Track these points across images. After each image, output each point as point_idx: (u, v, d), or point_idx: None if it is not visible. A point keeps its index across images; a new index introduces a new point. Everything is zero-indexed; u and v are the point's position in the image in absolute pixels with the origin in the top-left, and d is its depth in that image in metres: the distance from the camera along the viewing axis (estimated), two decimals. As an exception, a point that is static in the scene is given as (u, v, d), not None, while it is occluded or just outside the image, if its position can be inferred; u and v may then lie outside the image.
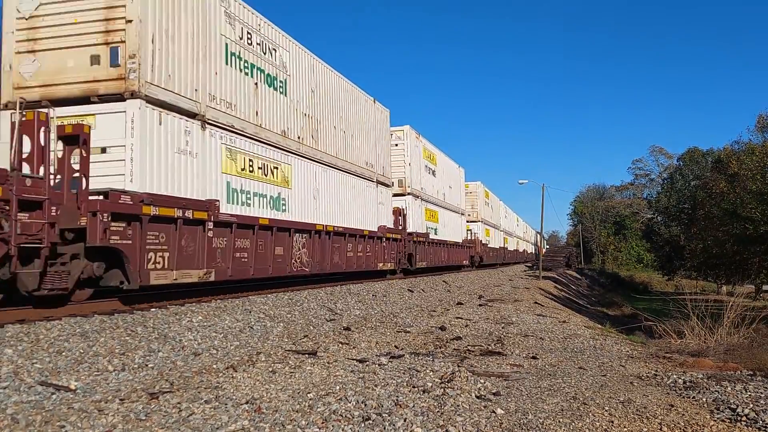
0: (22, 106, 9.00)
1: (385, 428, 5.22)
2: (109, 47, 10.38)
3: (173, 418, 5.26)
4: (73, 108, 10.33)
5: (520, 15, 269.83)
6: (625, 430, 5.50)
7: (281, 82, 15.32)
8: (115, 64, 10.33)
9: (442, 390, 6.50)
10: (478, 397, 6.38)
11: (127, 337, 8.00)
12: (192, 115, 11.66)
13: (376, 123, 22.44)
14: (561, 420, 5.64)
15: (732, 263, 34.05)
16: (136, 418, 5.19)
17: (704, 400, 6.71)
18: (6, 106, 10.52)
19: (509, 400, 6.36)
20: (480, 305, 18.00)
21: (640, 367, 8.99)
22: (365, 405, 5.82)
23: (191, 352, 8.03)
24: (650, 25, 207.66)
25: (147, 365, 7.19)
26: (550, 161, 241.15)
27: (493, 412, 5.82)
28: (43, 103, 10.37)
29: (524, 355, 9.49)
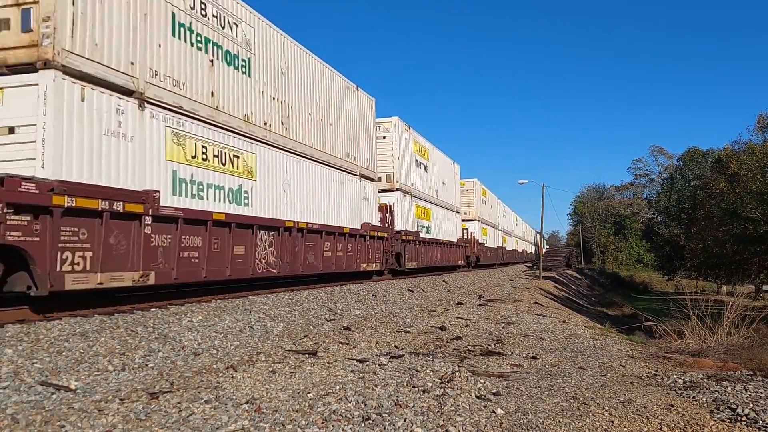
0: None
1: (385, 428, 5.22)
2: (21, 9, 8.91)
3: (173, 418, 5.26)
4: None
5: (521, 15, 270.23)
6: (625, 430, 5.50)
7: (244, 61, 13.54)
8: (26, 29, 8.83)
9: (442, 390, 6.50)
10: (478, 397, 6.39)
11: (127, 337, 8.01)
12: (127, 93, 10.04)
13: (359, 112, 20.69)
14: (561, 420, 5.64)
15: (732, 263, 34.09)
16: (136, 418, 5.19)
17: (704, 400, 6.72)
18: None
19: (509, 400, 6.37)
20: (480, 305, 18.01)
21: (640, 367, 9.00)
22: (365, 405, 5.82)
23: (191, 352, 8.03)
24: (650, 25, 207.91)
25: (147, 365, 7.19)
26: (550, 161, 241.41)
27: (493, 412, 5.82)
28: None
29: (524, 355, 9.50)
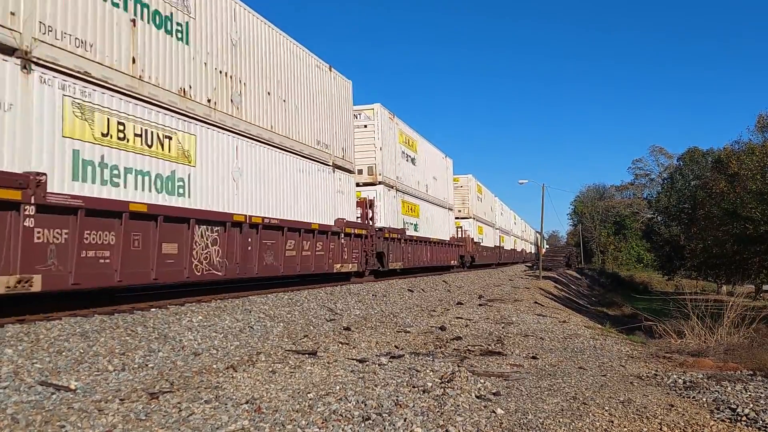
0: None
1: (385, 428, 5.22)
2: None
3: (173, 418, 5.26)
4: None
5: (520, 15, 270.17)
6: (625, 430, 5.50)
7: (179, 25, 11.40)
8: None
9: (442, 390, 6.50)
10: (478, 397, 6.39)
11: (127, 337, 8.01)
12: (6, 50, 8.19)
13: (333, 95, 18.38)
14: (561, 420, 5.64)
15: (732, 263, 34.13)
16: (136, 418, 5.19)
17: (704, 400, 6.72)
18: None
19: (509, 400, 6.37)
20: (480, 305, 18.01)
21: (640, 367, 9.00)
22: (365, 405, 5.82)
23: (191, 352, 8.03)
24: (650, 26, 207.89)
25: (147, 365, 7.19)
26: (550, 161, 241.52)
27: (493, 412, 5.82)
28: None
29: (524, 355, 9.49)
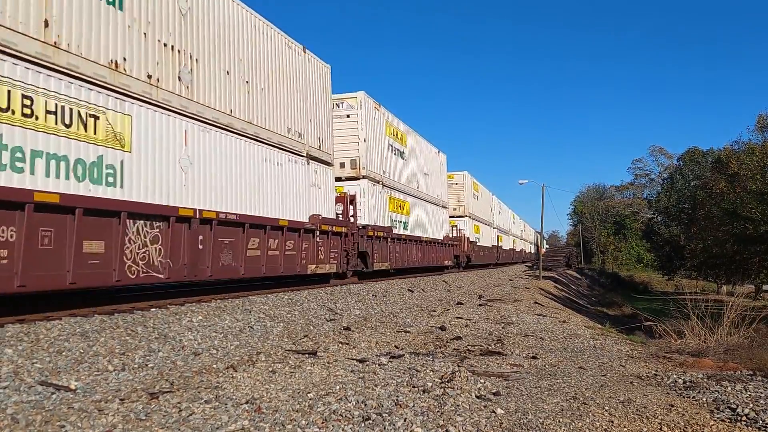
0: None
1: (385, 428, 5.22)
2: None
3: (173, 418, 5.26)
4: None
5: (520, 16, 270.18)
6: (625, 430, 5.50)
7: None
8: None
9: (442, 390, 6.50)
10: (478, 397, 6.39)
11: (127, 337, 8.01)
12: None
13: (308, 80, 16.64)
14: (561, 420, 5.64)
15: (732, 263, 34.14)
16: (136, 418, 5.19)
17: (704, 399, 6.72)
18: None
19: (509, 399, 6.37)
20: (480, 305, 18.00)
21: (640, 367, 8.99)
22: (365, 405, 5.82)
23: (191, 352, 8.03)
24: (650, 26, 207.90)
25: (147, 365, 7.19)
26: (550, 162, 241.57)
27: (493, 412, 5.82)
28: None
29: (524, 355, 9.49)
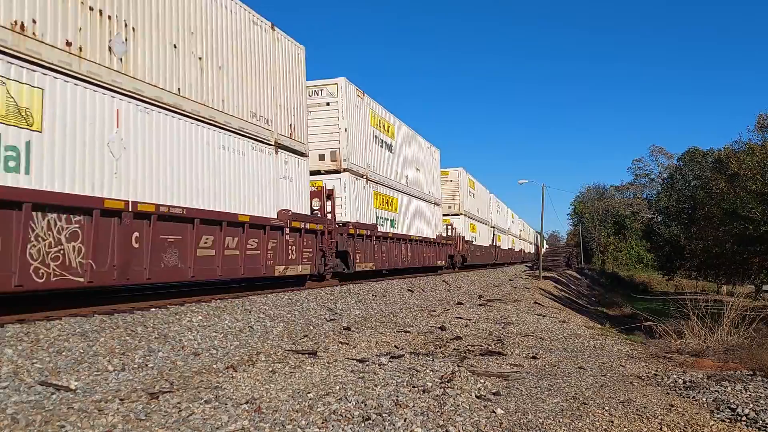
0: None
1: (385, 428, 5.22)
2: None
3: (173, 418, 5.26)
4: None
5: (520, 17, 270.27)
6: (625, 430, 5.50)
7: None
8: None
9: (442, 390, 6.50)
10: (478, 397, 6.39)
11: (127, 337, 8.00)
12: None
13: (277, 61, 14.95)
14: (561, 420, 5.64)
15: (732, 263, 34.17)
16: (136, 418, 5.19)
17: (704, 400, 6.72)
18: None
19: (509, 400, 6.37)
20: (480, 305, 18.00)
21: (640, 367, 8.99)
22: (365, 405, 5.82)
23: (191, 352, 8.03)
24: (650, 26, 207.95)
25: (147, 365, 7.19)
26: (550, 162, 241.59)
27: (493, 412, 5.82)
28: None
29: (524, 355, 9.49)
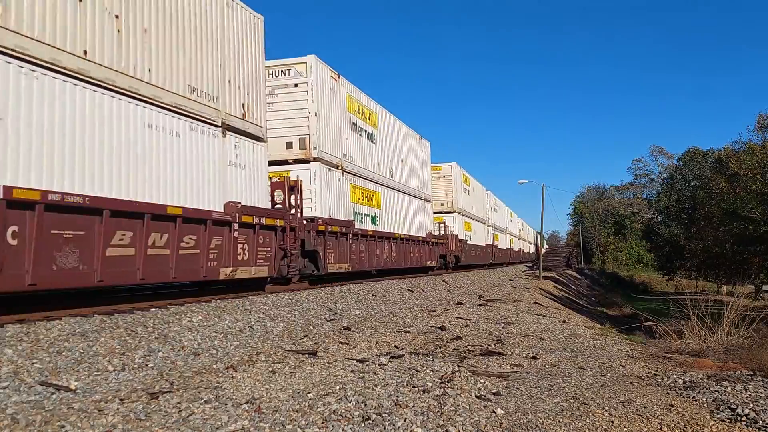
0: None
1: (385, 428, 5.22)
2: None
3: (173, 418, 5.26)
4: None
5: (521, 19, 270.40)
6: (625, 430, 5.50)
7: None
8: None
9: (442, 390, 6.50)
10: (478, 397, 6.39)
11: (127, 337, 8.00)
12: None
13: (226, 30, 12.71)
14: (561, 420, 5.64)
15: (732, 263, 34.19)
16: (136, 418, 5.19)
17: (704, 400, 6.72)
18: None
19: (509, 400, 6.37)
20: (480, 305, 18.00)
21: (640, 367, 8.99)
22: (365, 405, 5.82)
23: (191, 352, 8.03)
24: (650, 27, 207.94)
25: (147, 365, 7.19)
26: (550, 162, 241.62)
27: (493, 412, 5.82)
28: None
29: (524, 355, 9.49)
